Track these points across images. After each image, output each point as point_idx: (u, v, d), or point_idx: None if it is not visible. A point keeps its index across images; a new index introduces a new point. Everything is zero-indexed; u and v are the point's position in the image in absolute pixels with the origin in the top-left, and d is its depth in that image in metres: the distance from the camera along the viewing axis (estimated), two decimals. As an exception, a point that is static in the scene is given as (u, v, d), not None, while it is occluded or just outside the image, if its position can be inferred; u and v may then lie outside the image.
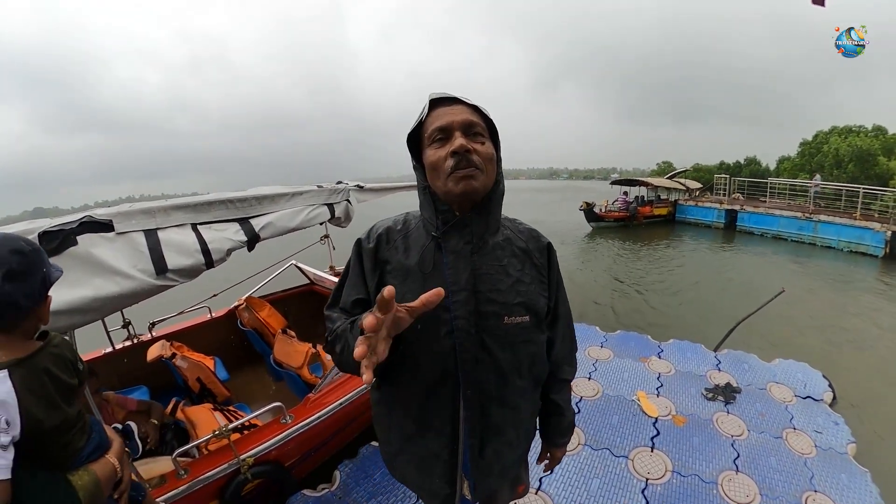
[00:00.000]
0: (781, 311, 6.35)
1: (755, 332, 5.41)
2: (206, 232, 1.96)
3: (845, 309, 7.28)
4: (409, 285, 1.00)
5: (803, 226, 13.90)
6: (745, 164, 30.02)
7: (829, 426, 3.20)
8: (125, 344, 3.19)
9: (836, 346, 5.52)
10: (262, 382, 3.46)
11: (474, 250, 1.02)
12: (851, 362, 4.95)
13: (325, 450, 2.71)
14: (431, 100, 0.99)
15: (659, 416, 3.22)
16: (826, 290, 8.45)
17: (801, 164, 23.17)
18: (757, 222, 15.36)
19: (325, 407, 2.49)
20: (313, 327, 4.09)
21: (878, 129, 21.88)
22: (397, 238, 1.07)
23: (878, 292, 8.62)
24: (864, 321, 6.64)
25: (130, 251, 1.69)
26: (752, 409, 3.36)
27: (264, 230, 2.23)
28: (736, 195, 18.62)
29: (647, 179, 19.89)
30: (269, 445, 2.23)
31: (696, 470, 2.71)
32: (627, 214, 16.83)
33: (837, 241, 12.92)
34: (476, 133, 0.97)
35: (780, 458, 2.85)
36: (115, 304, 1.62)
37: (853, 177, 18.40)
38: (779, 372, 3.95)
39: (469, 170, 0.94)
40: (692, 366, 4.03)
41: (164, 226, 1.83)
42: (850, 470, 2.77)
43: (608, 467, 2.71)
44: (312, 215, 2.55)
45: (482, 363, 1.02)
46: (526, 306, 1.04)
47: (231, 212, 2.12)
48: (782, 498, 2.52)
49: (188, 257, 1.84)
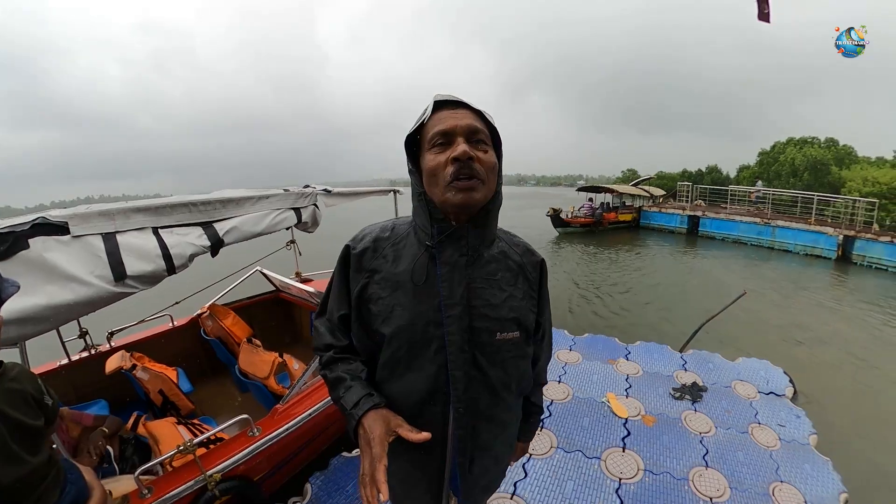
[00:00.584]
0: (743, 312, 6.57)
1: (719, 333, 5.58)
2: (168, 236, 1.88)
3: (802, 308, 7.62)
4: (398, 297, 0.96)
5: (762, 231, 14.56)
6: (706, 172, 31.21)
7: (791, 420, 3.34)
8: (82, 355, 3.01)
9: (795, 343, 5.77)
10: (227, 394, 3.33)
11: (469, 263, 0.97)
12: (810, 358, 5.19)
13: (296, 462, 2.62)
14: (435, 102, 0.94)
15: (629, 416, 3.26)
16: (784, 292, 8.81)
17: (760, 172, 24.19)
18: (718, 227, 15.95)
19: (294, 418, 2.41)
20: (279, 336, 3.98)
21: (830, 140, 23.15)
22: (386, 246, 1.02)
23: (833, 293, 9.10)
24: (819, 319, 6.99)
25: (87, 256, 1.59)
26: (718, 407, 3.44)
27: (228, 235, 2.16)
28: (698, 202, 19.25)
29: (612, 186, 20.39)
30: (237, 460, 2.13)
31: (667, 468, 2.75)
32: (593, 220, 17.13)
33: (794, 245, 13.61)
34: (479, 140, 0.92)
35: (747, 452, 2.93)
36: (71, 312, 1.53)
37: (808, 184, 19.34)
38: (742, 370, 4.09)
39: (471, 181, 0.89)
40: (659, 366, 4.11)
41: (123, 229, 1.74)
42: (813, 460, 2.90)
43: (581, 469, 2.72)
44: (278, 220, 2.49)
45: (474, 380, 0.98)
46: (517, 322, 1.01)
47: (194, 215, 2.04)
48: (751, 490, 2.59)
49: (149, 263, 1.75)
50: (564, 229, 16.85)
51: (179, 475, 1.98)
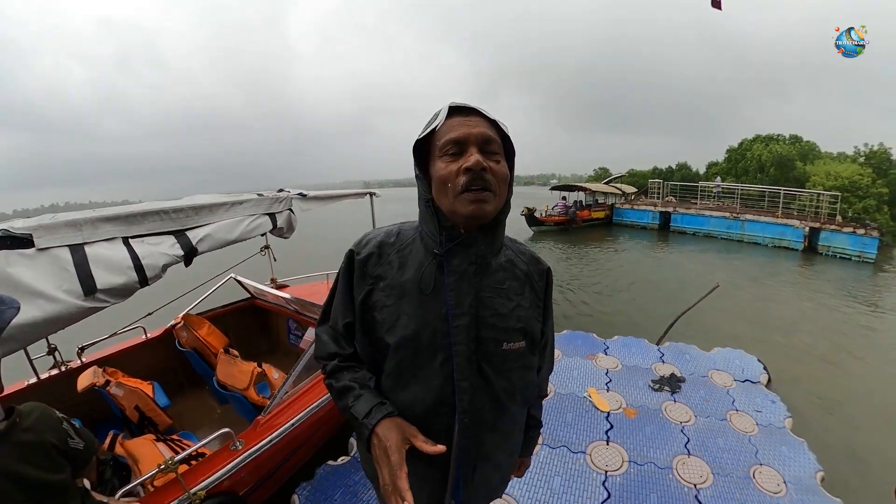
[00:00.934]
0: (716, 303, 6.75)
1: (694, 325, 5.71)
2: (139, 246, 1.80)
3: (772, 298, 7.90)
4: (404, 306, 0.94)
5: (732, 225, 15.07)
6: (677, 170, 31.92)
7: (767, 405, 3.45)
8: (52, 373, 2.85)
9: (767, 331, 5.97)
10: (206, 407, 3.22)
11: (477, 271, 0.94)
12: (781, 346, 5.38)
13: (281, 473, 2.56)
14: (451, 106, 0.91)
15: (611, 409, 3.30)
16: (755, 283, 9.12)
17: (728, 168, 24.88)
18: (689, 223, 16.43)
19: (277, 429, 2.35)
20: (257, 344, 3.88)
21: (795, 137, 23.96)
22: (391, 252, 0.98)
23: (800, 281, 9.47)
24: (789, 308, 7.26)
25: (54, 269, 1.50)
26: (696, 396, 3.53)
27: (202, 243, 2.09)
28: (669, 198, 19.74)
29: (585, 185, 20.66)
30: (221, 475, 2.05)
31: (651, 458, 2.79)
32: (567, 218, 17.34)
33: (763, 238, 14.14)
34: (492, 150, 0.89)
35: (727, 438, 3.01)
36: (38, 331, 1.44)
37: (775, 179, 19.97)
38: (718, 360, 4.20)
39: (483, 193, 0.86)
40: (637, 360, 4.18)
41: (91, 240, 1.65)
42: (789, 442, 3.01)
43: (567, 464, 2.74)
44: (253, 226, 2.42)
45: (479, 391, 0.95)
46: (524, 332, 0.99)
47: (166, 223, 1.96)
48: (733, 474, 2.67)
49: (120, 275, 1.67)
50: (539, 228, 17.00)
51: (162, 495, 1.88)
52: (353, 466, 2.74)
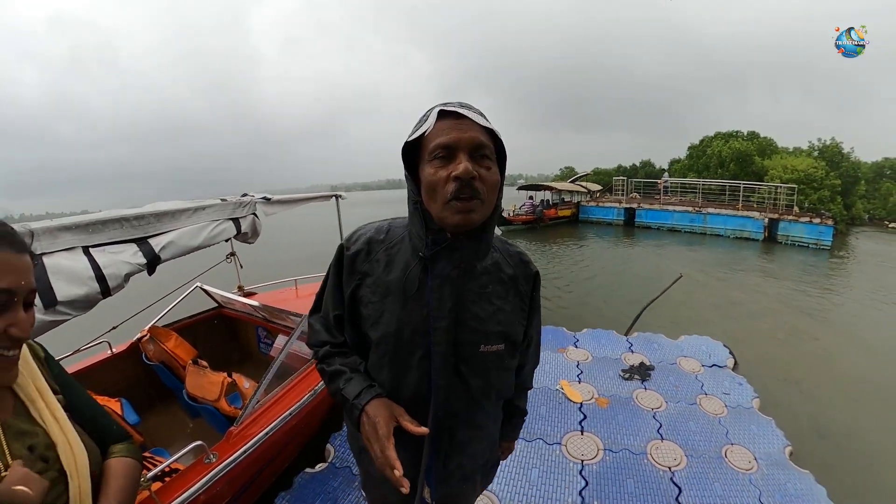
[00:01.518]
0: (682, 293, 6.95)
1: (661, 315, 5.86)
2: (100, 255, 1.73)
3: (735, 286, 8.19)
4: (388, 304, 0.95)
5: (694, 218, 15.60)
6: (640, 167, 32.75)
7: (734, 388, 3.56)
8: None
9: (732, 318, 6.18)
10: (177, 421, 3.09)
11: (461, 275, 0.94)
12: (745, 331, 5.57)
13: (258, 484, 2.49)
14: (440, 109, 0.87)
15: (583, 400, 3.34)
16: (718, 272, 9.44)
17: (690, 164, 25.64)
18: (653, 218, 16.92)
19: (251, 439, 2.27)
20: (226, 354, 3.76)
21: (752, 133, 24.90)
22: (379, 250, 0.99)
23: (761, 270, 9.87)
24: (751, 295, 7.53)
25: None
26: (666, 383, 3.60)
27: (165, 250, 2.02)
28: (633, 195, 20.26)
29: (551, 184, 21.05)
30: (196, 490, 1.96)
31: (625, 445, 2.83)
32: (534, 217, 17.59)
33: (724, 230, 14.72)
34: (483, 156, 0.86)
35: (698, 421, 3.09)
36: None
37: (734, 174, 20.72)
38: (685, 347, 4.31)
39: (471, 202, 0.84)
40: (607, 351, 4.24)
41: (50, 250, 1.58)
42: (758, 421, 3.12)
43: (544, 456, 2.75)
44: (217, 231, 2.36)
45: (454, 389, 0.97)
46: (504, 335, 0.99)
47: (127, 231, 1.89)
48: (705, 455, 2.74)
49: (81, 286, 1.61)
50: (507, 227, 17.13)
51: None
52: (331, 473, 2.69)
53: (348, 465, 2.72)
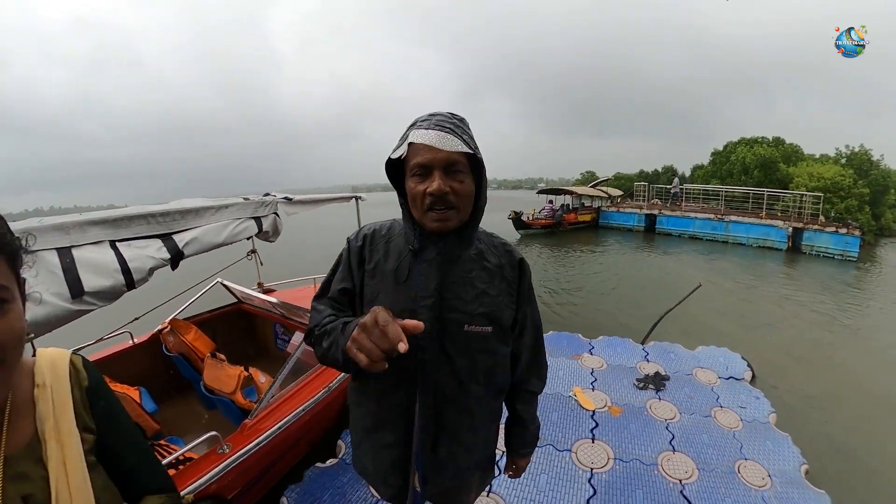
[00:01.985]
0: (701, 303, 6.79)
1: (678, 324, 5.75)
2: (126, 250, 1.78)
3: (757, 297, 7.95)
4: (383, 286, 1.07)
5: (716, 226, 15.19)
6: (662, 172, 32.16)
7: (751, 401, 3.46)
8: None
9: (751, 329, 6.00)
10: (193, 412, 3.16)
11: (445, 262, 1.05)
12: (765, 343, 5.39)
13: (269, 477, 2.52)
14: (415, 129, 0.97)
15: (596, 408, 3.30)
16: (739, 282, 9.19)
17: (713, 171, 25.05)
18: (674, 224, 16.54)
19: (264, 432, 2.31)
20: (243, 349, 3.83)
21: (777, 139, 24.16)
22: (380, 242, 1.11)
23: (784, 281, 9.55)
24: (773, 306, 7.29)
25: (42, 273, 1.49)
26: (681, 394, 3.53)
27: (189, 246, 2.07)
28: (655, 201, 19.85)
29: (571, 188, 20.75)
30: (209, 479, 2.00)
31: (636, 455, 2.79)
32: (553, 221, 17.33)
33: (747, 239, 14.28)
34: (456, 171, 0.96)
35: (711, 434, 3.02)
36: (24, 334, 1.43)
37: (758, 181, 20.14)
38: (702, 358, 4.22)
39: (445, 212, 0.97)
40: (622, 359, 4.18)
41: (79, 243, 1.63)
42: (773, 436, 3.02)
43: (553, 462, 2.73)
44: (239, 229, 2.40)
45: (441, 366, 1.05)
46: (489, 317, 1.07)
47: (153, 227, 1.94)
48: (717, 469, 2.67)
49: (107, 278, 1.65)
50: (526, 231, 16.95)
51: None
52: (341, 468, 2.72)
53: None
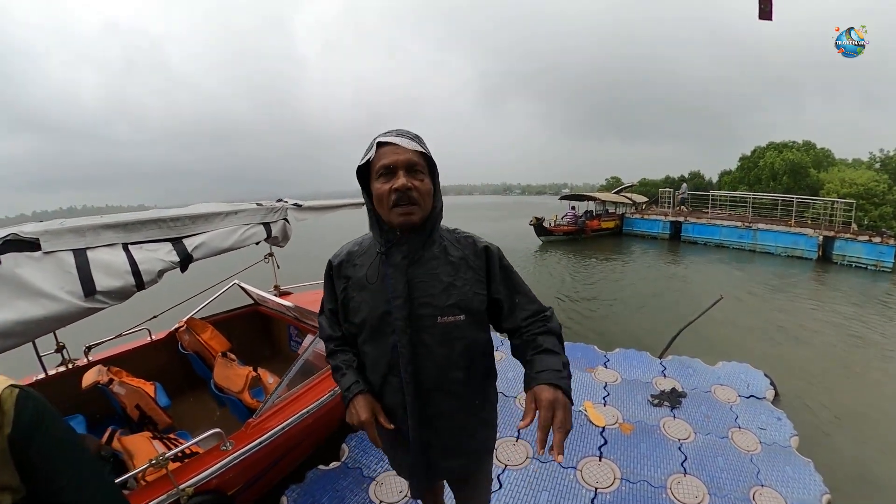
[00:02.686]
0: (725, 315, 6.51)
1: (700, 338, 5.49)
2: (138, 252, 1.85)
3: (784, 309, 7.55)
4: (364, 295, 1.19)
5: (743, 234, 14.58)
6: (689, 178, 31.25)
7: (772, 422, 3.26)
8: (59, 370, 2.92)
9: (777, 344, 5.69)
10: (205, 408, 3.21)
11: (410, 263, 1.15)
12: (791, 359, 5.10)
13: (271, 476, 2.53)
14: (378, 140, 1.10)
15: (606, 425, 3.17)
16: (766, 293, 8.77)
17: (741, 177, 24.25)
18: (700, 232, 15.93)
19: (267, 432, 2.34)
20: (258, 350, 3.88)
21: (808, 144, 23.17)
22: (356, 258, 1.23)
23: (813, 292, 9.07)
24: (801, 320, 6.90)
25: (58, 272, 1.58)
26: (697, 412, 3.36)
27: (197, 250, 2.11)
28: (680, 207, 19.26)
29: (594, 194, 20.26)
30: (210, 473, 2.07)
31: (644, 476, 2.66)
32: (576, 228, 16.94)
33: (775, 247, 13.64)
34: (417, 171, 1.09)
35: (727, 456, 2.85)
36: (41, 327, 1.51)
37: (788, 187, 19.34)
38: (722, 374, 4.00)
39: (408, 207, 1.08)
40: (638, 373, 4.01)
41: (93, 245, 1.72)
42: (794, 462, 2.82)
43: (556, 479, 2.63)
44: (247, 235, 2.42)
45: (420, 356, 1.15)
46: (459, 307, 1.15)
47: (164, 231, 2.01)
48: (730, 495, 2.51)
49: (118, 279, 1.73)
50: (547, 238, 16.56)
51: (152, 489, 1.92)
52: (342, 472, 2.71)
53: (360, 467, 2.73)
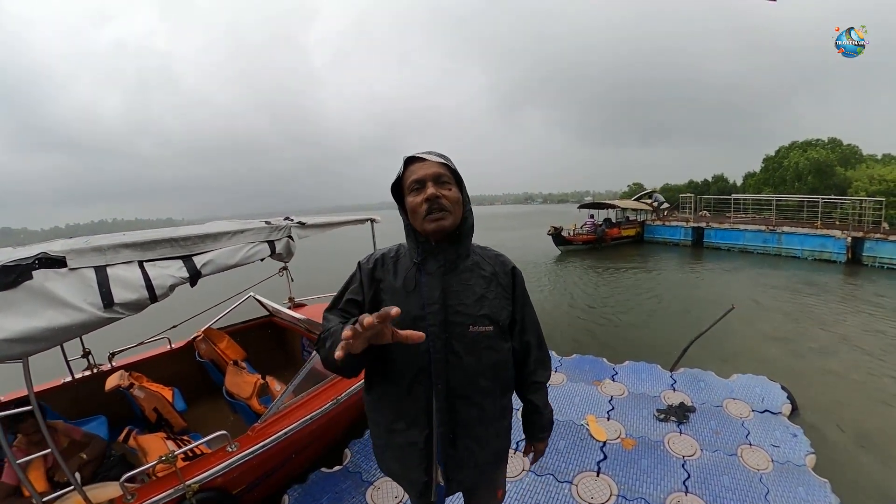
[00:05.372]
0: (745, 324, 6.11)
1: (717, 349, 5.17)
2: (151, 269, 1.97)
3: (810, 317, 7.02)
4: (396, 300, 1.16)
5: (768, 238, 13.84)
6: (713, 182, 29.94)
7: (787, 439, 2.99)
8: (84, 374, 3.08)
9: (797, 356, 5.26)
10: (219, 413, 3.29)
11: (445, 272, 1.17)
12: (812, 372, 4.70)
13: (274, 479, 2.58)
14: (407, 158, 1.16)
15: (608, 439, 3.00)
16: (791, 300, 8.17)
17: (766, 178, 23.06)
18: (723, 238, 15.24)
19: (271, 436, 2.43)
20: (272, 359, 3.98)
21: (834, 141, 21.79)
22: (389, 263, 1.23)
23: (841, 298, 8.37)
24: (827, 328, 6.37)
25: (81, 286, 1.71)
26: (706, 428, 3.14)
27: (206, 267, 2.19)
28: (702, 212, 18.47)
29: (613, 202, 19.77)
30: (215, 472, 2.18)
31: (642, 493, 2.49)
32: (595, 237, 16.46)
33: (801, 251, 12.87)
34: (444, 182, 1.13)
35: (734, 475, 2.63)
36: (66, 334, 1.65)
37: (813, 188, 18.25)
38: (736, 387, 3.73)
39: (440, 213, 1.11)
40: (646, 387, 3.80)
41: (112, 262, 1.85)
42: (809, 482, 2.56)
43: (550, 493, 2.49)
44: (252, 252, 2.47)
45: (451, 364, 1.14)
46: (490, 318, 1.18)
47: (175, 249, 2.11)
48: (733, 518, 2.30)
49: (133, 292, 1.85)
50: (566, 247, 16.14)
51: (161, 484, 2.04)
52: (343, 475, 2.73)
53: (360, 471, 2.75)
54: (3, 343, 1.43)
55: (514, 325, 1.28)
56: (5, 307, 1.49)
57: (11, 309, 1.50)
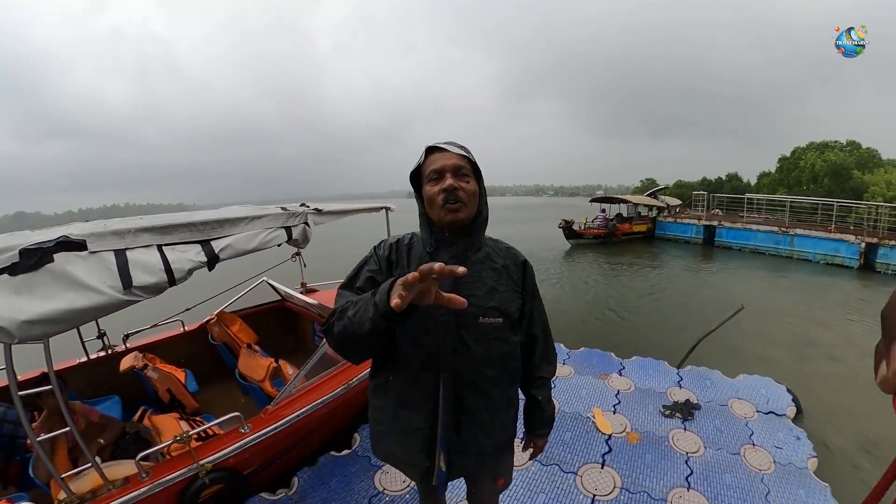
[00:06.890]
0: (754, 325, 6.12)
1: (725, 348, 5.19)
2: (170, 253, 1.99)
3: (819, 321, 7.00)
4: None
5: (780, 240, 13.69)
6: (726, 180, 29.56)
7: (790, 441, 3.03)
8: (99, 354, 3.15)
9: (807, 359, 5.28)
10: (231, 395, 3.35)
11: (458, 263, 1.14)
12: (819, 375, 4.72)
13: (285, 460, 2.65)
14: (428, 147, 1.18)
15: (613, 433, 3.05)
16: (800, 303, 8.17)
17: (780, 179, 22.75)
18: (735, 237, 15.07)
19: (283, 418, 2.48)
20: (284, 343, 4.04)
21: (852, 143, 21.36)
22: (403, 249, 1.25)
23: (852, 304, 8.34)
24: (836, 332, 6.38)
25: (101, 269, 1.74)
26: (710, 426, 3.18)
27: (223, 252, 2.23)
28: (715, 211, 18.28)
29: (625, 197, 19.54)
30: (227, 453, 2.24)
31: (645, 487, 2.54)
32: (606, 231, 16.36)
33: (813, 254, 12.71)
34: (463, 174, 1.15)
35: (736, 474, 2.68)
36: (86, 316, 1.68)
37: (828, 190, 17.98)
38: (741, 387, 3.76)
39: (456, 205, 1.13)
40: (653, 383, 3.84)
41: (132, 246, 1.88)
42: (809, 485, 2.60)
43: (556, 483, 2.55)
44: (269, 238, 2.51)
45: (459, 353, 1.16)
46: (499, 310, 1.19)
47: (194, 234, 2.14)
48: (733, 516, 2.35)
49: (152, 276, 1.88)
50: (577, 241, 16.06)
51: (175, 463, 2.12)
52: (352, 459, 2.79)
53: (368, 455, 2.80)
54: (25, 324, 1.46)
55: (522, 318, 1.29)
56: (27, 289, 1.52)
57: (33, 291, 1.53)
